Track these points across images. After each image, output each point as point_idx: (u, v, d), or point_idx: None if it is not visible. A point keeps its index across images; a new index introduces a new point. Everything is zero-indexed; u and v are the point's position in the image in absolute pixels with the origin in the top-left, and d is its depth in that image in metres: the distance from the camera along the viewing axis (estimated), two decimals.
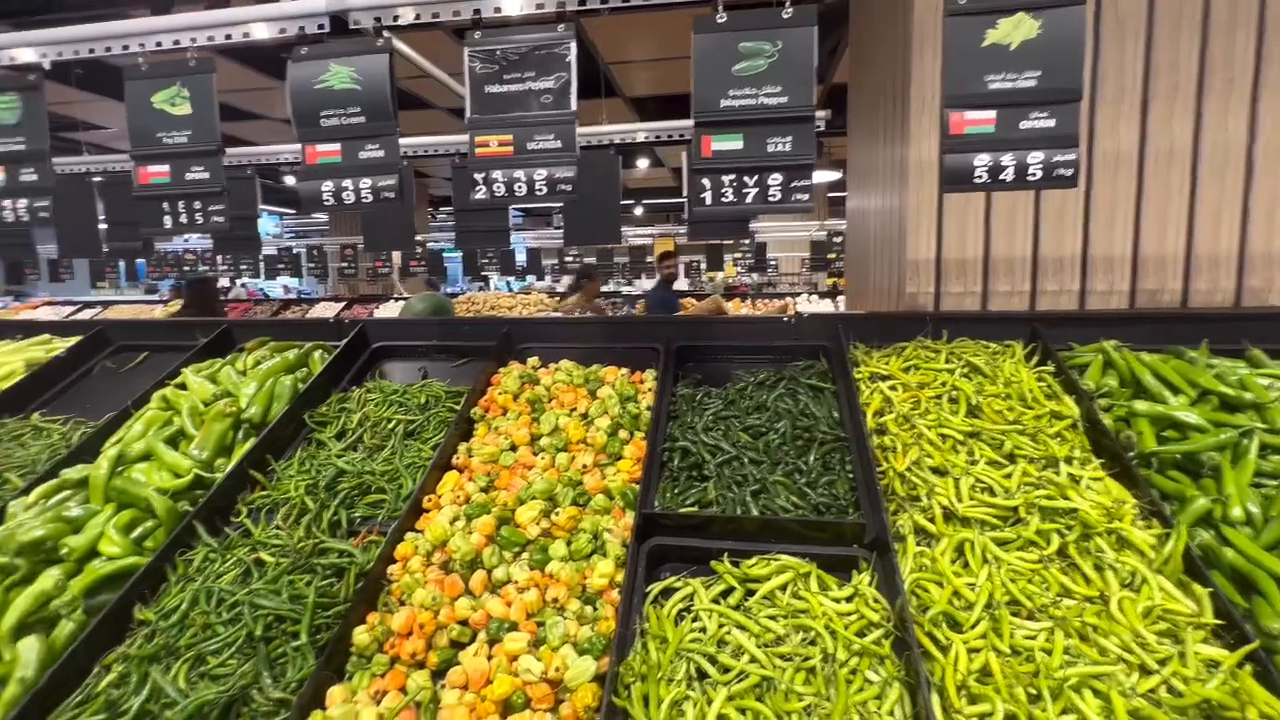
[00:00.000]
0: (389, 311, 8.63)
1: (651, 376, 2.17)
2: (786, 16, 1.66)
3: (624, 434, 1.96)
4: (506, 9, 2.35)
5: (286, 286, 16.87)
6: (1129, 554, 1.42)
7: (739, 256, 10.12)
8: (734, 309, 7.26)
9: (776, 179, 1.67)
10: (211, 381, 2.27)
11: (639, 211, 18.17)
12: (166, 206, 1.98)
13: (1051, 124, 1.58)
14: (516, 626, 1.45)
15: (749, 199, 1.68)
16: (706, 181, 1.69)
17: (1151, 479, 1.60)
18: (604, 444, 1.90)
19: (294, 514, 1.78)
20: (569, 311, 5.57)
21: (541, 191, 1.75)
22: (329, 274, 10.33)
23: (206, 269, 9.36)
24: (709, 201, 1.70)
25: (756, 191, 1.68)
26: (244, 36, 1.88)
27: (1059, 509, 1.50)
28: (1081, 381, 1.85)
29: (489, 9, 1.84)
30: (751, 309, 7.92)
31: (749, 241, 9.48)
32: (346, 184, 1.85)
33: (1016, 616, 1.34)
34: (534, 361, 2.32)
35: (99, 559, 1.68)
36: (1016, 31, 1.57)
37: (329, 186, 1.86)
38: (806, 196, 1.66)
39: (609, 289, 12.44)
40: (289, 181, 13.37)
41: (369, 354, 2.52)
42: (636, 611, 1.49)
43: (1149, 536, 1.43)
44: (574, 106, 1.75)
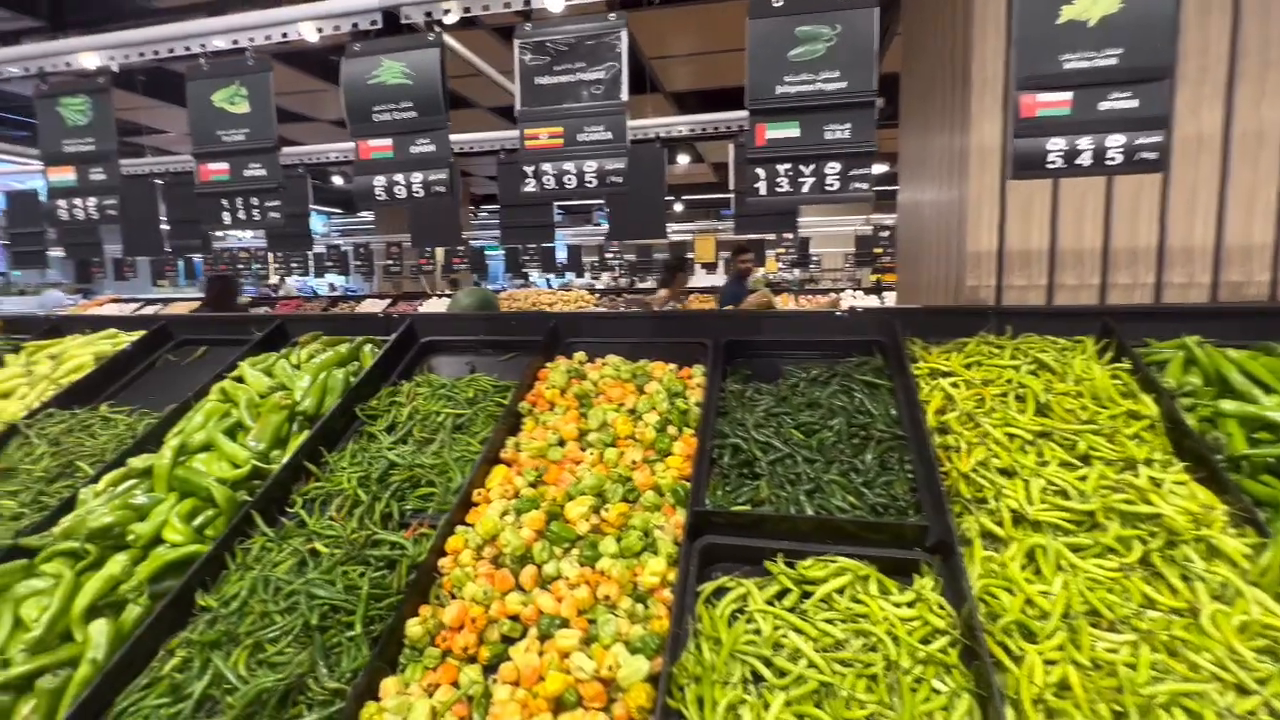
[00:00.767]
0: (432, 308, 8.78)
1: (700, 372, 2.14)
2: None
3: (672, 430, 1.93)
4: (551, 6, 2.34)
5: (332, 285, 17.37)
6: (1219, 564, 1.32)
7: (781, 252, 9.97)
8: (782, 304, 7.12)
9: (834, 168, 1.61)
10: (267, 375, 2.32)
11: (678, 208, 18.09)
12: (225, 203, 2.02)
13: (1134, 104, 1.48)
14: (568, 623, 1.43)
15: (805, 188, 1.63)
16: (761, 171, 1.64)
17: (1242, 484, 1.49)
18: (653, 440, 1.87)
19: (347, 506, 1.80)
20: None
21: (592, 184, 1.73)
22: (374, 271, 10.57)
23: (259, 266, 9.68)
24: (763, 192, 1.65)
25: (813, 181, 1.62)
26: (298, 36, 1.90)
27: (1140, 514, 1.41)
28: (1161, 379, 1.74)
29: (538, 1, 1.83)
30: (796, 305, 7.78)
31: (791, 237, 9.32)
32: (398, 178, 1.86)
33: (1095, 628, 1.26)
34: (580, 356, 2.30)
35: (163, 545, 1.73)
36: (1095, 6, 1.48)
37: (381, 181, 1.87)
38: (866, 185, 1.60)
39: (647, 286, 12.42)
40: (337, 181, 13.74)
41: (417, 348, 2.54)
42: (689, 611, 1.45)
43: (1242, 545, 1.33)
44: (625, 97, 1.72)
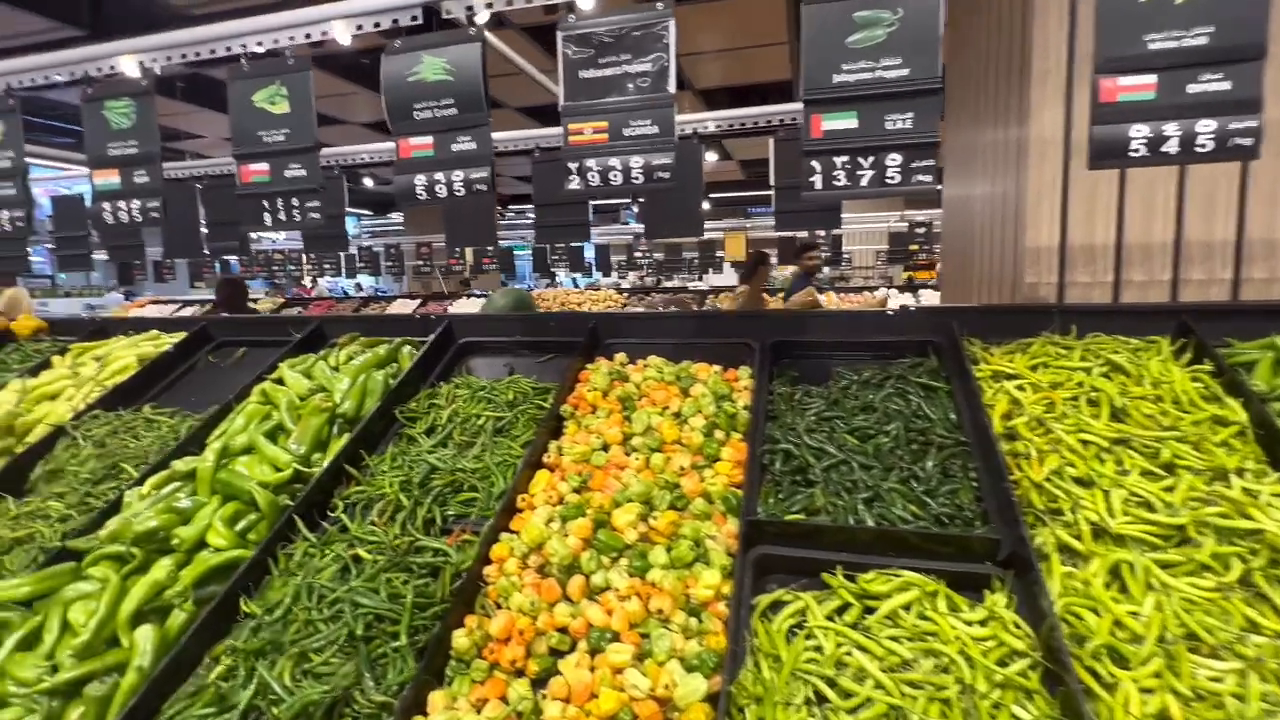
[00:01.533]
0: (462, 308, 8.82)
1: (746, 374, 2.06)
2: None
3: (720, 434, 1.86)
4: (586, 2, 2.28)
5: (359, 285, 17.60)
6: None
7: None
8: (827, 303, 6.92)
9: (895, 159, 1.53)
10: (306, 376, 2.31)
11: (705, 206, 17.97)
12: (266, 204, 2.01)
13: (1226, 87, 1.37)
14: (619, 637, 1.37)
15: (864, 181, 1.55)
16: (817, 164, 1.57)
17: None
18: (700, 444, 1.81)
19: (389, 511, 1.77)
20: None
21: (638, 180, 1.67)
22: (405, 272, 10.67)
23: (293, 268, 9.83)
24: (819, 186, 1.57)
25: (873, 174, 1.54)
26: (332, 35, 1.88)
27: (1237, 529, 1.31)
28: (1249, 382, 1.62)
29: None
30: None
31: (824, 234, 9.16)
32: (439, 177, 1.82)
33: (1194, 654, 1.16)
34: (621, 358, 2.25)
35: (206, 550, 1.72)
36: None
37: (422, 180, 1.83)
38: (930, 178, 1.51)
39: (675, 285, 12.30)
40: (367, 184, 13.91)
41: (455, 349, 2.51)
42: (745, 626, 1.39)
43: None
44: (672, 89, 1.66)
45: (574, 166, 1.73)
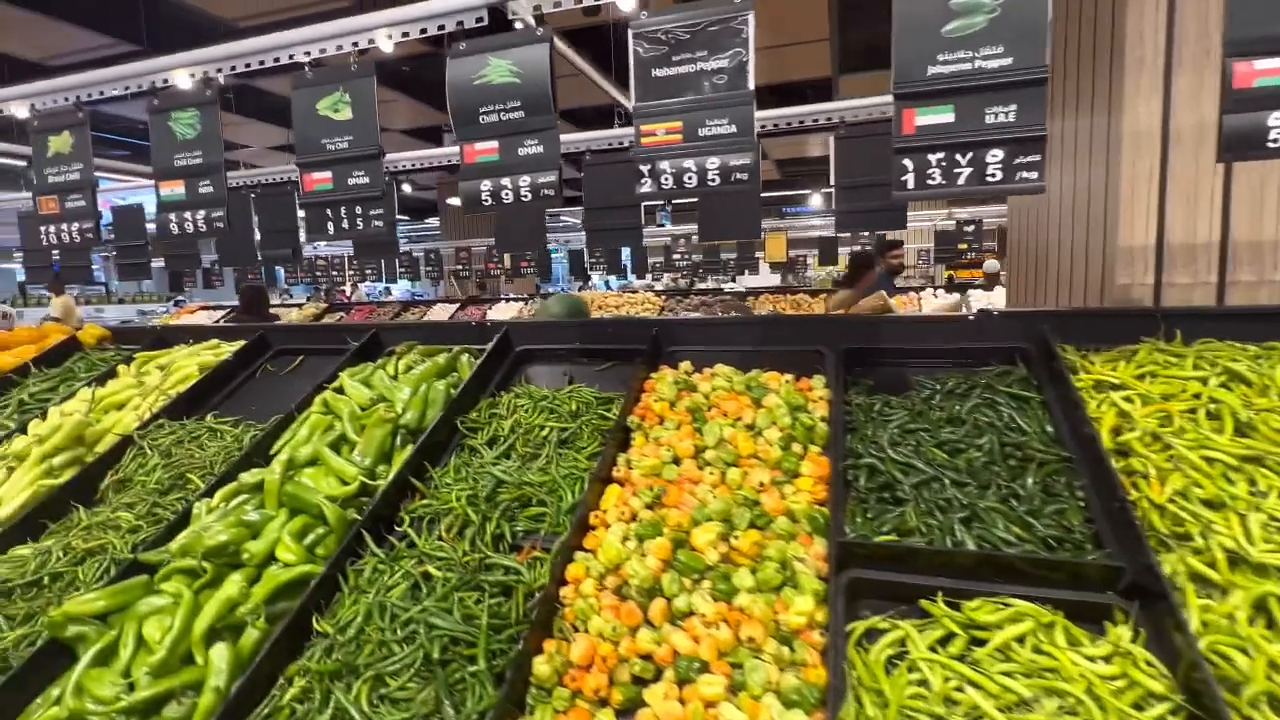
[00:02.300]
0: (501, 312, 8.85)
1: (821, 383, 1.97)
2: None
3: (797, 447, 1.77)
4: None
5: (387, 289, 17.83)
6: None
7: (857, 249, 9.57)
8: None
9: (996, 155, 1.42)
10: (365, 385, 2.29)
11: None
12: (330, 213, 1.99)
13: None
14: (707, 666, 1.30)
15: (961, 180, 1.45)
16: (908, 162, 1.47)
17: None
18: (778, 459, 1.72)
19: (456, 525, 1.73)
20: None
21: (714, 182, 1.60)
22: (443, 276, 10.77)
23: (335, 274, 10.01)
24: (911, 185, 1.48)
25: (971, 171, 1.44)
26: (403, 36, 1.85)
27: None
28: None
29: None
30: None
31: (867, 235, 8.95)
32: (505, 183, 1.77)
33: None
34: (686, 366, 2.17)
35: (275, 564, 1.69)
36: None
37: (488, 186, 1.79)
38: (1036, 175, 1.40)
39: (709, 287, 12.07)
40: (405, 189, 14.12)
41: (513, 357, 2.46)
42: (841, 656, 1.30)
43: None
44: (751, 86, 1.58)
45: (646, 169, 1.66)
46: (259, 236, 4.10)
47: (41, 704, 1.47)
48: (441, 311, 9.28)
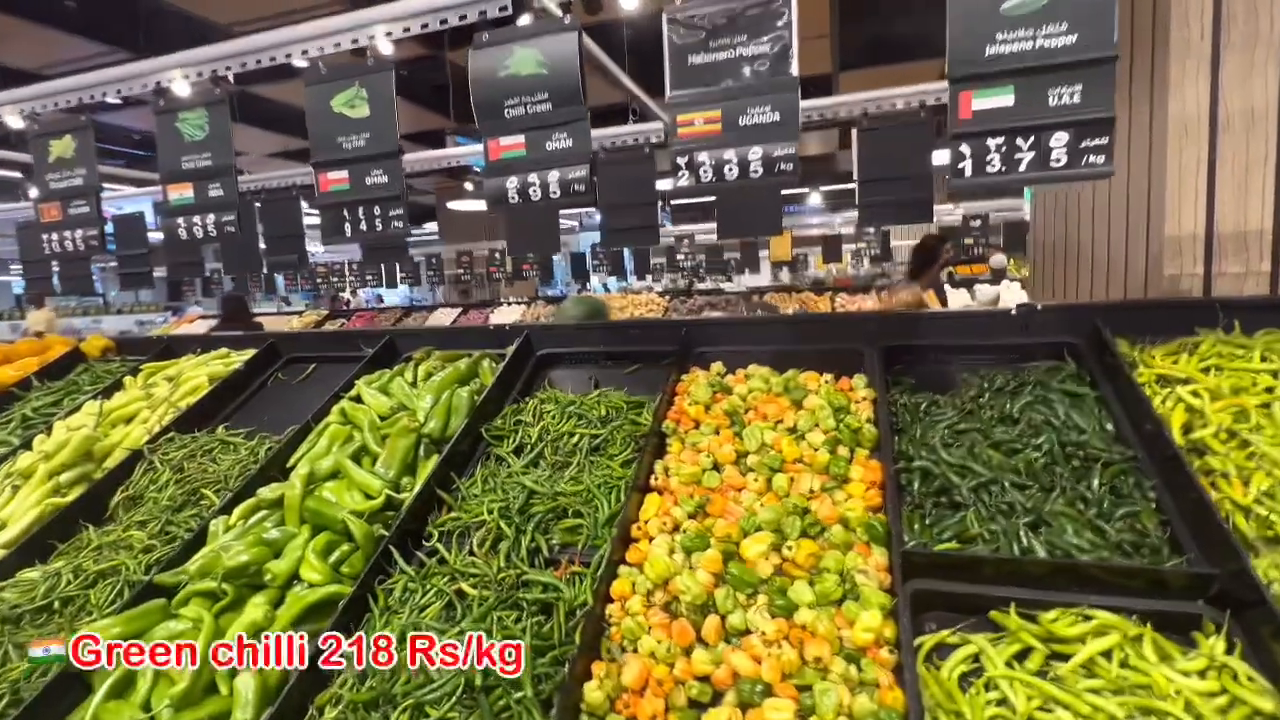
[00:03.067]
0: (503, 316, 8.74)
1: (862, 383, 1.88)
2: None
3: (843, 451, 1.69)
4: None
5: (379, 295, 17.57)
6: None
7: (862, 247, 9.51)
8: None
9: (1060, 139, 1.34)
10: (384, 393, 2.20)
11: None
12: (347, 214, 1.90)
13: None
14: (771, 689, 1.21)
15: (1023, 166, 1.37)
16: (967, 148, 1.39)
17: None
18: (826, 463, 1.64)
19: (489, 539, 1.64)
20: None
21: (756, 174, 1.52)
22: (443, 281, 10.67)
23: (336, 280, 9.91)
24: (969, 173, 1.40)
25: (1033, 156, 1.36)
26: (422, 28, 1.77)
27: None
28: None
29: None
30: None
31: (872, 231, 8.88)
32: (532, 179, 1.69)
33: None
34: (718, 367, 2.09)
35: (300, 585, 1.61)
36: None
37: (514, 183, 1.70)
38: (1104, 159, 1.32)
39: (708, 288, 11.88)
40: None
41: (534, 362, 2.38)
42: (913, 674, 1.22)
43: None
44: (795, 72, 1.50)
45: (683, 161, 1.58)
46: (264, 244, 4.00)
47: None
48: (443, 316, 9.18)
